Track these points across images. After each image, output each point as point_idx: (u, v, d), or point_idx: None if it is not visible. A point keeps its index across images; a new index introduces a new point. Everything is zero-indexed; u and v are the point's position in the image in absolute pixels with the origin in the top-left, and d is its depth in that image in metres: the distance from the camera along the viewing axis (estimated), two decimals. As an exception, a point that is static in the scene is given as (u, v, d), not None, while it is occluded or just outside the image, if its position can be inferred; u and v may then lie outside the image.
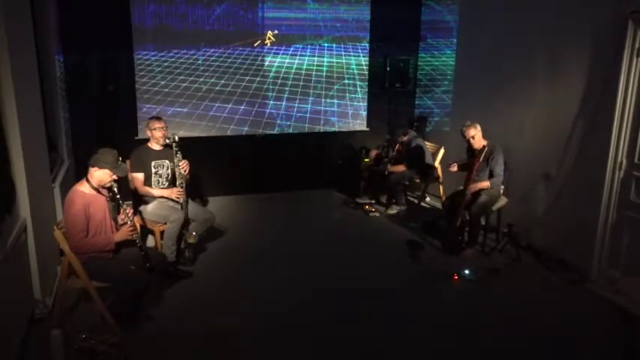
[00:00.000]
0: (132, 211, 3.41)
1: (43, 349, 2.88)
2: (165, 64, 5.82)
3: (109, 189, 3.33)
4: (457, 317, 3.61)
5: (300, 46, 6.27)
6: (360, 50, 6.53)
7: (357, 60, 6.56)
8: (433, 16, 6.44)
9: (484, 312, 3.70)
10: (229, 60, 6.04)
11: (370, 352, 3.19)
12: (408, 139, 5.79)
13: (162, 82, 5.86)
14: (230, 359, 3.13)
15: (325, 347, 3.22)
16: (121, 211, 3.33)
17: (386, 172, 5.79)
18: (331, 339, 3.31)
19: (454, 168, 4.77)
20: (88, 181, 3.25)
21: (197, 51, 5.90)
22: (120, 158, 3.28)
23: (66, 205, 3.20)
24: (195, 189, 5.83)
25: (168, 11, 5.70)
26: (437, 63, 6.44)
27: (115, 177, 3.26)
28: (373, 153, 6.23)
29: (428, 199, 6.31)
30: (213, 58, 5.98)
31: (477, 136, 4.55)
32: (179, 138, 4.20)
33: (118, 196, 3.28)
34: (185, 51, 5.86)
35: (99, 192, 3.29)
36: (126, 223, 3.30)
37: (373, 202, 6.06)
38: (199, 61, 5.95)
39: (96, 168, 3.21)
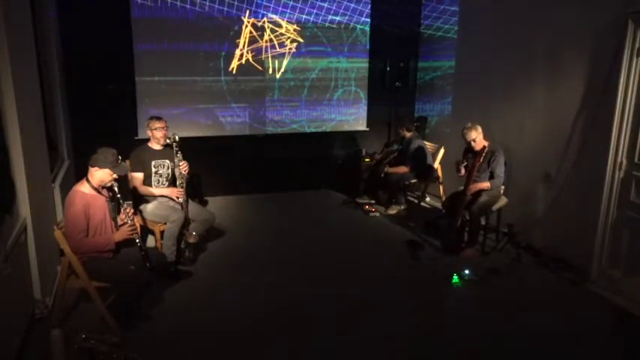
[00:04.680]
0: (132, 210, 3.41)
1: (43, 349, 2.88)
2: (166, 63, 5.82)
3: (109, 189, 3.33)
4: (457, 317, 3.61)
5: (301, 45, 6.27)
6: (360, 50, 6.53)
7: (358, 60, 6.56)
8: (434, 15, 6.44)
9: (484, 312, 3.70)
10: (229, 59, 6.04)
11: (370, 351, 3.19)
12: (409, 137, 5.80)
13: (163, 82, 5.86)
14: (230, 359, 3.13)
15: (325, 347, 3.22)
16: (121, 210, 3.33)
17: (382, 175, 5.81)
18: (331, 338, 3.30)
19: (462, 172, 4.65)
20: (88, 181, 3.25)
21: (197, 51, 5.90)
22: (120, 157, 3.28)
23: (66, 206, 3.20)
24: (195, 189, 5.84)
25: (169, 10, 5.70)
26: (437, 63, 6.45)
27: (115, 176, 3.26)
28: (377, 157, 6.26)
29: (428, 199, 6.31)
30: (213, 58, 5.98)
31: (477, 139, 4.55)
32: (179, 138, 4.21)
33: (119, 196, 3.28)
34: (185, 50, 5.86)
35: (99, 192, 3.28)
36: (126, 223, 3.30)
37: (373, 202, 6.06)
38: (200, 61, 5.94)
39: (96, 168, 3.21)
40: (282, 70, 6.25)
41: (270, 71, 6.22)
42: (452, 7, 6.03)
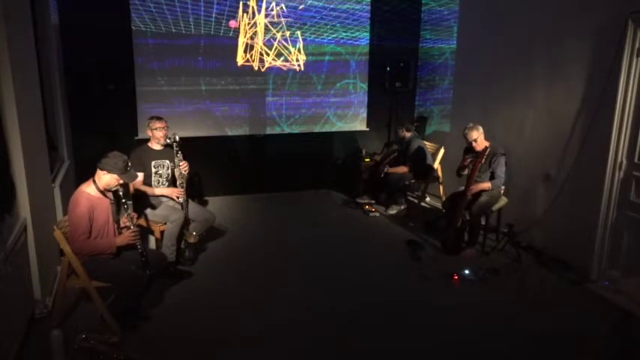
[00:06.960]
0: (136, 216, 3.41)
1: (43, 349, 2.88)
2: (165, 63, 5.82)
3: (114, 192, 3.33)
4: (457, 317, 3.61)
5: (300, 45, 6.26)
6: (360, 49, 6.53)
7: (357, 60, 6.56)
8: (433, 15, 6.44)
9: (484, 312, 3.70)
10: (229, 59, 6.04)
11: (370, 351, 3.19)
12: (409, 137, 5.80)
13: (163, 82, 5.86)
14: (230, 359, 3.13)
15: (325, 347, 3.22)
16: (126, 215, 3.33)
17: (382, 175, 5.81)
18: (331, 339, 3.31)
19: (466, 171, 4.65)
20: (94, 182, 3.25)
21: (197, 50, 5.90)
22: (130, 164, 3.27)
23: (71, 206, 3.19)
24: (195, 189, 5.84)
25: (168, 10, 5.70)
26: (437, 63, 6.45)
27: (121, 182, 3.26)
28: (377, 157, 6.27)
29: (428, 199, 6.31)
30: (212, 57, 5.98)
31: (479, 139, 4.54)
32: (179, 138, 4.20)
33: (124, 200, 3.28)
34: (185, 50, 5.85)
35: (104, 194, 3.29)
36: (128, 228, 3.30)
37: (373, 202, 6.06)
38: (199, 61, 5.94)
39: (105, 171, 3.20)
40: (283, 69, 6.25)
41: (271, 72, 6.22)
42: (452, 7, 6.04)
